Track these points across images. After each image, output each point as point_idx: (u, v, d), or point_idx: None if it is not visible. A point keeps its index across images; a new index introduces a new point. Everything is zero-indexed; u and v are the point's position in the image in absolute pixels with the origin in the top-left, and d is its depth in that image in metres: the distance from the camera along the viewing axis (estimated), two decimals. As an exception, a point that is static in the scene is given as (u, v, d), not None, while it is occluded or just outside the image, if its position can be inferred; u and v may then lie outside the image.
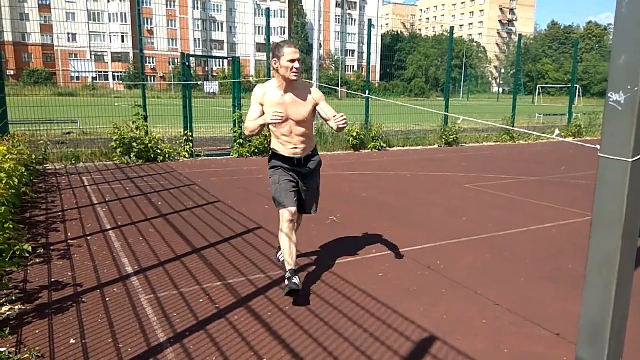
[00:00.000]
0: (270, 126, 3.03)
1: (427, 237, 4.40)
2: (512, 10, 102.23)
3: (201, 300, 2.99)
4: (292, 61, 2.90)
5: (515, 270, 3.62)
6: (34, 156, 7.19)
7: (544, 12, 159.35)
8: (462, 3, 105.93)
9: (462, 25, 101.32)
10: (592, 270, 1.43)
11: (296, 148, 3.10)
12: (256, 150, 9.59)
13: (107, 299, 2.99)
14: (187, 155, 9.03)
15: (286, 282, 2.97)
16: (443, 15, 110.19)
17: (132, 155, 8.42)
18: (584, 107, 23.95)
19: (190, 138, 9.17)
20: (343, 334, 2.61)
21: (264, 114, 3.00)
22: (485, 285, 3.31)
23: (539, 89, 52.69)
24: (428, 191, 6.56)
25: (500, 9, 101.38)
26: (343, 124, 2.86)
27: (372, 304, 2.99)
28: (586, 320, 1.47)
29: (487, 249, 4.09)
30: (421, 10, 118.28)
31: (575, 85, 17.13)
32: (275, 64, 2.95)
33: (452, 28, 12.43)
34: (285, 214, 3.06)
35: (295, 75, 2.91)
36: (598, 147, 1.34)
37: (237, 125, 9.53)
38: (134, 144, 8.40)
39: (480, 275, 3.48)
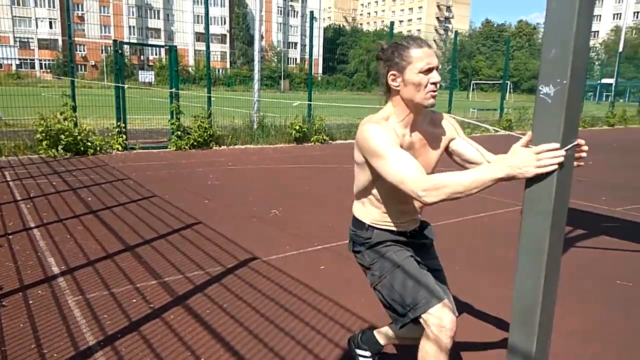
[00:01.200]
0: (378, 188, 1.79)
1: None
2: (448, 8, 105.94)
3: (134, 300, 2.84)
4: (429, 71, 1.64)
5: (451, 258, 3.73)
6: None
7: (478, 10, 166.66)
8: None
9: (402, 21, 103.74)
10: (522, 258, 1.47)
11: (414, 219, 1.87)
12: (195, 143, 9.31)
13: (31, 302, 2.77)
14: (120, 148, 8.61)
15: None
16: (384, 11, 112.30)
17: (59, 148, 7.90)
18: (515, 103, 25.33)
19: (124, 130, 8.74)
20: (284, 328, 2.57)
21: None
22: (423, 274, 3.39)
23: (473, 85, 55.03)
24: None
25: (438, 6, 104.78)
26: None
27: (313, 297, 2.97)
28: (517, 306, 1.52)
29: (425, 239, 4.20)
30: (362, 4, 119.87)
31: (507, 82, 18.04)
32: (394, 80, 1.67)
33: (392, 23, 12.66)
34: (445, 319, 1.63)
35: (433, 96, 1.67)
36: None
37: (174, 116, 9.19)
38: (62, 136, 7.89)
39: (419, 265, 3.56)
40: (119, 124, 8.70)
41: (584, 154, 1.46)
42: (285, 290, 3.07)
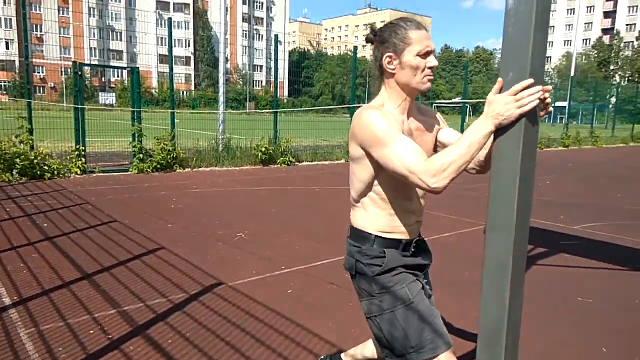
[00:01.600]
0: (379, 179, 1.62)
1: (336, 251, 4.43)
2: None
3: (92, 332, 2.70)
4: (427, 54, 1.56)
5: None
6: None
7: (438, 36, 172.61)
8: (365, 25, 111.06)
9: (365, 45, 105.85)
10: (487, 277, 1.48)
11: (418, 221, 1.76)
12: (158, 166, 9.11)
13: (-23, 337, 2.59)
14: (79, 172, 8.32)
15: None
16: (347, 36, 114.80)
17: (14, 173, 7.56)
18: (475, 125, 26.09)
19: (83, 153, 8.47)
20: (250, 356, 2.49)
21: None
22: (391, 296, 3.38)
23: (434, 108, 56.58)
24: (336, 205, 6.65)
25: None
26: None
27: (281, 322, 2.91)
28: (484, 327, 1.52)
29: (392, 260, 4.20)
30: (326, 29, 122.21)
31: (466, 105, 18.63)
32: (390, 62, 1.58)
33: (355, 48, 12.89)
34: None
35: (430, 81, 1.60)
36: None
37: (136, 139, 8.99)
38: (17, 160, 7.56)
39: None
40: (78, 147, 8.42)
41: (547, 96, 1.34)
42: (251, 316, 2.99)
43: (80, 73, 8.57)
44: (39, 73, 56.14)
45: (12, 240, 4.39)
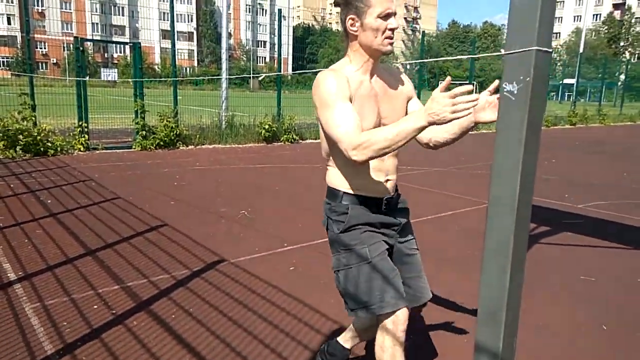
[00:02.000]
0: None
1: (338, 228, 4.44)
2: (416, 9, 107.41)
3: (95, 307, 2.73)
4: (387, 16, 1.59)
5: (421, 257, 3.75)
6: None
7: (445, 11, 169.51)
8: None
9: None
10: (488, 255, 1.48)
11: (388, 180, 1.75)
12: (161, 143, 9.10)
13: (-17, 311, 2.63)
14: (82, 149, 8.33)
15: None
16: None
17: (17, 149, 7.59)
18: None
19: (86, 129, 8.46)
20: (252, 331, 2.52)
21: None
22: (393, 273, 3.39)
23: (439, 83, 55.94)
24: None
25: (406, 7, 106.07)
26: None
27: (282, 298, 2.93)
28: (484, 304, 1.52)
29: (394, 238, 4.21)
30: (331, 4, 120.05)
31: (473, 82, 18.41)
32: (353, 24, 1.63)
33: (360, 22, 12.70)
34: (400, 317, 1.65)
35: (390, 43, 1.63)
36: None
37: (139, 115, 8.96)
38: (20, 137, 7.58)
39: (388, 264, 3.56)
40: (80, 123, 8.41)
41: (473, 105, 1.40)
42: (253, 292, 3.01)
43: (81, 48, 8.49)
44: (41, 48, 55.77)
45: (16, 216, 4.42)
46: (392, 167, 1.76)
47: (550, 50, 1.25)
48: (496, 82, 1.35)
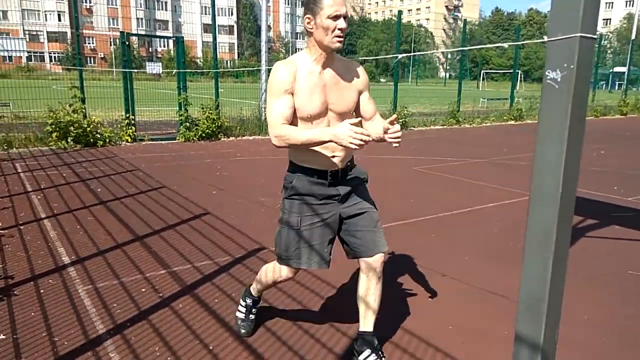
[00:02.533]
0: (300, 121, 1.98)
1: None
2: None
3: (143, 290, 2.87)
4: (336, 17, 1.87)
5: (460, 249, 3.72)
6: (-42, 141, 6.65)
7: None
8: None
9: (410, 10, 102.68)
10: (530, 247, 1.46)
11: (334, 156, 2.02)
12: (203, 135, 9.33)
13: (42, 291, 2.81)
14: (129, 140, 8.65)
15: (244, 314, 2.44)
16: (392, 0, 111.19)
17: (69, 140, 7.97)
18: (525, 92, 25.06)
19: (133, 122, 8.78)
20: (292, 317, 2.58)
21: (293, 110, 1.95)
22: (430, 264, 3.38)
23: (483, 74, 54.47)
24: (377, 174, 6.63)
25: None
26: (397, 142, 1.89)
27: (321, 286, 2.98)
28: (525, 296, 1.51)
29: (433, 230, 4.19)
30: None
31: (517, 71, 17.82)
32: (309, 23, 1.93)
33: (400, 12, 12.51)
34: (285, 271, 2.15)
35: (339, 42, 1.91)
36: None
37: (182, 107, 9.21)
38: (72, 128, 7.95)
39: (427, 255, 3.55)
40: (127, 115, 8.74)
41: (395, 138, 1.88)
42: (295, 280, 3.07)
43: (127, 43, 8.78)
44: (89, 43, 57.94)
45: (69, 204, 4.67)
46: (336, 149, 2.00)
47: (595, 36, 1.22)
48: (394, 115, 1.83)
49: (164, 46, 56.36)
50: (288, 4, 77.48)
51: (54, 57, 54.93)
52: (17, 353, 2.18)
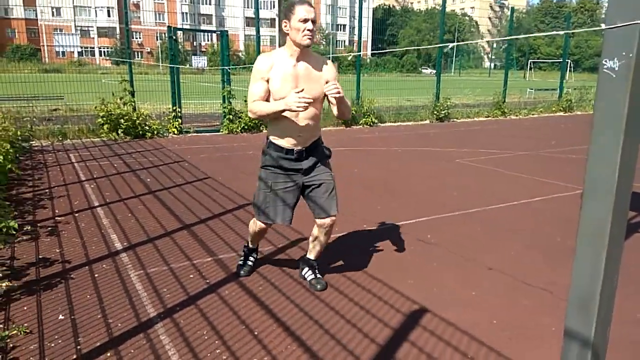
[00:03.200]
0: None
1: (418, 211, 4.41)
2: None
3: (191, 276, 2.98)
4: (305, 21, 2.41)
5: (506, 243, 3.64)
6: (19, 133, 7.05)
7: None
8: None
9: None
10: (582, 241, 1.43)
11: (300, 136, 2.58)
12: (246, 127, 9.48)
13: (96, 275, 2.97)
14: (175, 132, 8.92)
15: (242, 260, 3.06)
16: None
17: (119, 132, 8.30)
18: (575, 82, 23.98)
19: (179, 114, 9.04)
20: (334, 307, 2.62)
21: (268, 94, 2.55)
22: (475, 258, 3.33)
23: (530, 64, 52.55)
24: (419, 166, 6.56)
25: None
26: (335, 93, 2.42)
27: (362, 277, 3.00)
28: (576, 291, 1.47)
29: (477, 223, 4.11)
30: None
31: (567, 60, 17.09)
32: (285, 26, 2.48)
33: (444, 1, 12.23)
34: (258, 224, 2.80)
35: (308, 39, 2.43)
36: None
37: (226, 100, 9.40)
38: (122, 120, 8.27)
39: (471, 249, 3.50)
40: (174, 108, 9.00)
41: (331, 90, 2.44)
42: (333, 269, 3.11)
43: (174, 37, 9.02)
44: (136, 38, 59.81)
45: (120, 193, 4.88)
46: (304, 128, 2.57)
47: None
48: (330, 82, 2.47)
49: (208, 40, 57.43)
50: (329, -4, 77.10)
51: (104, 51, 57.08)
52: (75, 332, 2.32)
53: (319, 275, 2.90)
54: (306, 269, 2.93)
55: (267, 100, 2.57)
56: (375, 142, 8.65)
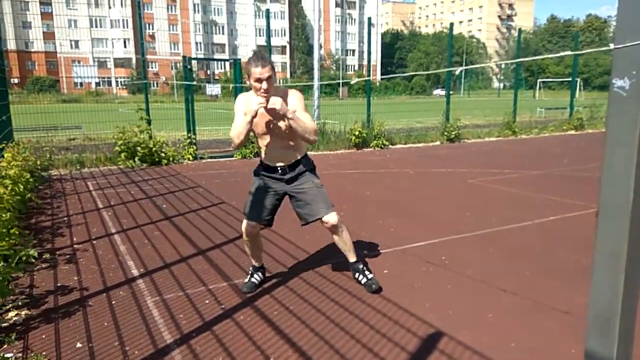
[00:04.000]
0: (258, 139, 3.08)
1: (431, 232, 4.39)
2: (510, 5, 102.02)
3: (207, 301, 2.99)
4: (259, 81, 2.74)
5: (520, 264, 3.60)
6: (38, 162, 7.22)
7: (543, 6, 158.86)
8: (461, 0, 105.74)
9: (462, 21, 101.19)
10: (599, 261, 1.42)
11: (279, 157, 3.05)
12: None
13: (113, 302, 2.99)
14: (190, 158, 9.05)
15: (247, 278, 3.26)
16: (442, 12, 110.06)
17: (136, 159, 8.43)
18: (585, 100, 23.87)
19: (194, 141, 9.18)
20: (349, 331, 2.60)
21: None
22: (490, 279, 3.30)
23: (539, 84, 52.51)
24: (431, 187, 6.54)
25: (499, 5, 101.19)
26: (271, 105, 2.76)
27: (377, 300, 2.98)
28: (594, 312, 1.46)
29: (491, 244, 4.08)
30: (420, 7, 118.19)
31: (576, 79, 17.06)
32: (247, 79, 2.85)
33: (451, 24, 12.39)
34: (243, 225, 3.15)
35: (264, 96, 2.77)
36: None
37: (239, 126, 9.52)
38: (139, 148, 8.42)
39: (485, 270, 3.47)
40: (189, 135, 9.15)
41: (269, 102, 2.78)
42: (349, 293, 3.10)
43: (189, 66, 9.24)
44: (152, 68, 61.24)
45: (137, 220, 4.94)
46: (281, 153, 3.04)
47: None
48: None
49: (221, 68, 58.57)
50: (338, 22, 78.55)
51: (120, 81, 58.48)
52: None
53: (370, 277, 3.15)
54: (356, 273, 3.22)
55: (245, 139, 2.96)
56: (386, 164, 8.67)
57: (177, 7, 66.53)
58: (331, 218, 3.03)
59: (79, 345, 2.48)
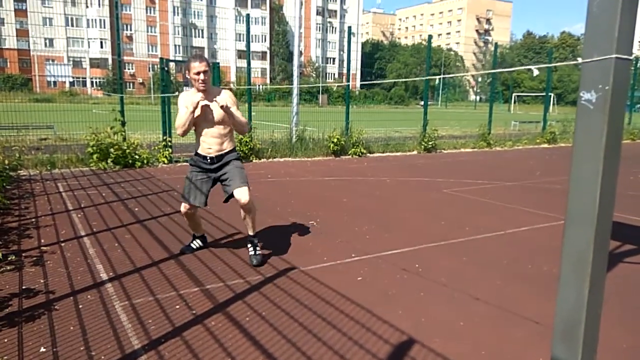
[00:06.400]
0: (195, 130, 3.65)
1: (406, 241, 4.42)
2: (488, 20, 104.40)
3: (177, 307, 2.93)
4: (197, 74, 3.44)
5: (492, 273, 3.65)
6: (7, 162, 6.99)
7: (519, 22, 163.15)
8: (440, 13, 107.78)
9: (440, 34, 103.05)
10: (565, 269, 1.45)
11: (210, 148, 3.64)
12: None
13: (81, 306, 2.91)
14: (165, 161, 8.91)
15: (189, 243, 4.03)
16: (422, 25, 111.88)
17: (109, 161, 8.26)
18: (558, 115, 24.53)
19: (169, 143, 9.05)
20: (322, 337, 2.58)
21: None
22: (462, 288, 3.33)
23: (514, 97, 53.76)
24: (407, 196, 6.60)
25: (477, 19, 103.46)
26: (223, 102, 3.44)
27: (350, 307, 2.98)
28: (560, 319, 1.49)
29: (464, 253, 4.13)
30: (400, 19, 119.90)
31: (550, 94, 17.52)
32: (187, 74, 3.51)
33: (430, 37, 12.58)
34: (182, 207, 3.82)
35: (202, 86, 3.47)
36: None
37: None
38: (112, 150, 8.25)
39: (458, 278, 3.51)
40: (164, 137, 9.01)
41: (222, 102, 3.48)
42: (322, 300, 3.09)
43: (166, 69, 9.13)
44: (129, 69, 60.33)
45: (107, 222, 4.83)
46: (212, 142, 3.64)
47: (631, 57, 1.23)
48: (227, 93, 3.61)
49: (199, 71, 58.06)
50: (319, 30, 78.96)
51: (95, 82, 57.41)
52: (57, 364, 2.26)
53: (258, 252, 3.74)
54: (249, 244, 3.78)
55: (189, 128, 3.57)
56: (364, 172, 8.71)
57: (156, 9, 65.81)
58: (243, 194, 3.56)
59: (42, 349, 2.40)
